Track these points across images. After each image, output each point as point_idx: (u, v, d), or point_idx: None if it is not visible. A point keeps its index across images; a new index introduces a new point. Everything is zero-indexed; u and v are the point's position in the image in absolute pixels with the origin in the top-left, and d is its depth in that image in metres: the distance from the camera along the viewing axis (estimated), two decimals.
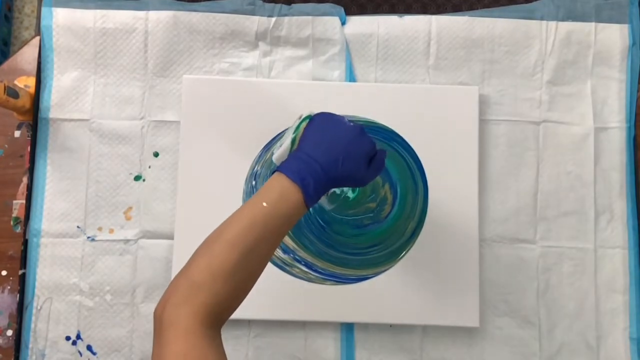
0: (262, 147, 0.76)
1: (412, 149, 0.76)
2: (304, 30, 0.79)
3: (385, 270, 0.74)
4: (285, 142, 0.57)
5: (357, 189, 0.75)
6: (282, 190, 0.52)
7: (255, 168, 0.76)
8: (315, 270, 0.74)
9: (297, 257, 0.74)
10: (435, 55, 0.79)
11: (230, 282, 0.48)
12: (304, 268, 0.74)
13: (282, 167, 0.54)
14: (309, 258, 0.74)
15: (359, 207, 0.75)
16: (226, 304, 0.49)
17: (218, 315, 0.48)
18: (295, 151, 0.56)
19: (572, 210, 0.78)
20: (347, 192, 0.75)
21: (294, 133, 0.57)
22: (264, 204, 0.51)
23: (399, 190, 0.75)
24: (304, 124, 0.57)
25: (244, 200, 0.75)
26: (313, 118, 0.58)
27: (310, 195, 0.52)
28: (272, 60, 0.80)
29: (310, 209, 0.74)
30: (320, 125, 0.57)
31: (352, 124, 0.57)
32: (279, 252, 0.74)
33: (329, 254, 0.74)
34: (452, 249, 0.74)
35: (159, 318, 0.47)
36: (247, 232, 0.49)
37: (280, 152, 0.58)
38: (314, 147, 0.55)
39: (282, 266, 0.74)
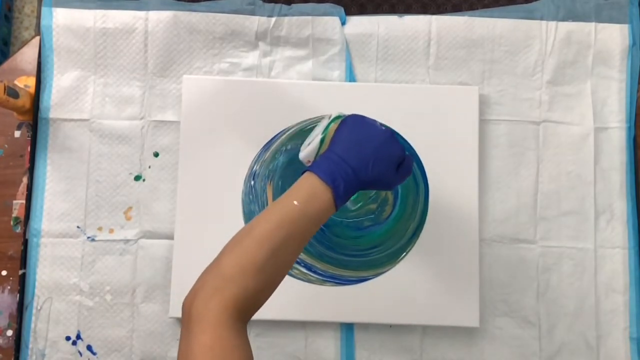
0: (262, 146, 0.76)
1: (412, 149, 0.76)
2: (303, 30, 0.79)
3: (385, 272, 0.74)
4: (314, 142, 0.58)
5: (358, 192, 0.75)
6: (312, 190, 0.53)
7: (255, 168, 0.76)
8: (315, 272, 0.74)
9: None
10: (435, 55, 0.79)
11: (259, 278, 0.48)
12: (303, 269, 0.74)
13: (313, 167, 0.54)
14: (309, 260, 0.74)
15: (360, 209, 0.75)
16: (254, 299, 0.49)
17: (246, 309, 0.48)
18: (326, 152, 0.56)
19: (572, 210, 0.77)
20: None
21: (322, 133, 0.57)
22: (295, 202, 0.51)
23: (400, 190, 0.75)
24: (333, 125, 0.57)
25: (243, 200, 0.75)
26: (345, 120, 0.58)
27: (340, 196, 0.53)
28: (272, 60, 0.80)
29: None
30: (352, 128, 0.57)
31: (383, 127, 0.57)
32: None
33: (329, 255, 0.74)
34: (452, 249, 0.74)
35: (187, 311, 0.47)
36: (277, 229, 0.50)
37: (307, 150, 0.58)
38: (346, 149, 0.55)
39: None
